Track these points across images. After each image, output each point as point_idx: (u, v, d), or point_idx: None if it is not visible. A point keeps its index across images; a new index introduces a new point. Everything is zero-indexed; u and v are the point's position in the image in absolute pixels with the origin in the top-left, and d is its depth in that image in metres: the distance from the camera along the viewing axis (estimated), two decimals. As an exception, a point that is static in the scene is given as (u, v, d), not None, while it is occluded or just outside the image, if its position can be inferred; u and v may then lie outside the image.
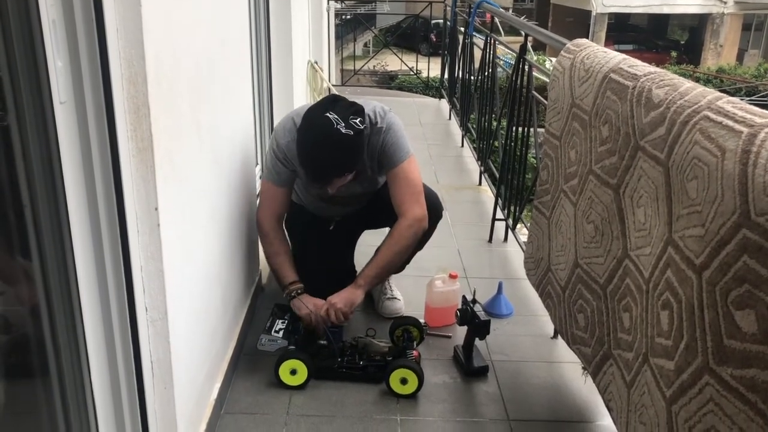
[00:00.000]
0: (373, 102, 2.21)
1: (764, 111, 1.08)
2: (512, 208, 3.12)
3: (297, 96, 4.08)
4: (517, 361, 2.25)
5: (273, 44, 3.66)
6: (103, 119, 1.22)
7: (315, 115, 2.02)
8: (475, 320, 2.14)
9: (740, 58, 21.12)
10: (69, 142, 1.19)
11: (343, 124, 1.98)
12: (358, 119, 2.02)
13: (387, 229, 2.40)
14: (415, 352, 2.11)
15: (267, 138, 3.66)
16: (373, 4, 18.60)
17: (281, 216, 2.28)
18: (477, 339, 2.18)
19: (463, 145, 4.85)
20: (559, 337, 2.23)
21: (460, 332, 2.27)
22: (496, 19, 4.19)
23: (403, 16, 13.59)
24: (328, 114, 1.99)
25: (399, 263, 2.30)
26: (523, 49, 2.94)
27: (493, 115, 3.85)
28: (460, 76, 5.13)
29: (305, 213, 2.42)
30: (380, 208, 2.32)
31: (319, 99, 5.23)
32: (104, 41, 1.18)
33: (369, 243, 2.58)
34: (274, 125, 3.70)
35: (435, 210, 2.37)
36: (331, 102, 2.05)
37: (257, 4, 3.39)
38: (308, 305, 2.16)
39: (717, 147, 1.09)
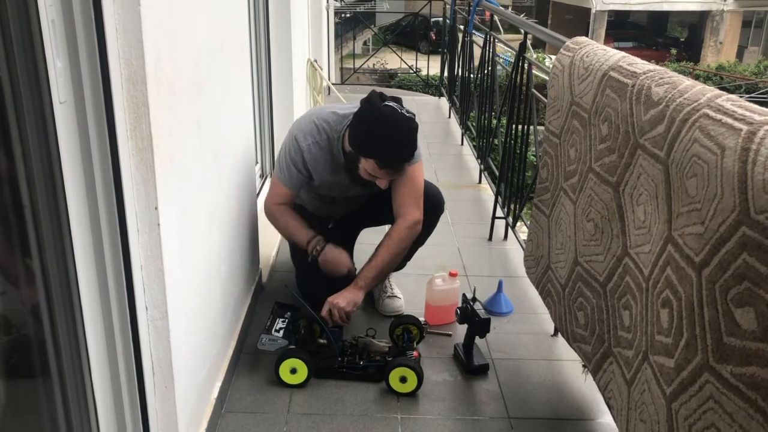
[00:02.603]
0: None
1: (764, 108, 1.08)
2: (512, 206, 3.12)
3: (296, 94, 4.08)
4: (518, 359, 2.26)
5: (272, 43, 3.66)
6: (103, 119, 1.22)
7: (377, 106, 2.05)
8: (475, 318, 2.14)
9: (740, 55, 21.09)
10: (69, 141, 1.19)
11: (405, 110, 2.05)
12: (406, 108, 2.09)
13: (385, 227, 2.40)
14: (415, 353, 2.11)
15: (267, 137, 3.66)
16: (373, 2, 18.58)
17: (289, 204, 2.33)
18: (477, 337, 2.18)
19: (462, 143, 4.86)
20: (560, 335, 2.23)
21: (461, 330, 2.27)
22: (496, 17, 4.18)
23: (402, 14, 13.59)
24: (388, 103, 2.05)
25: (397, 263, 2.32)
26: (523, 47, 2.94)
27: (493, 113, 3.85)
28: (460, 74, 5.13)
29: (304, 212, 2.42)
30: (379, 207, 2.32)
31: (318, 97, 5.20)
32: (103, 41, 1.18)
33: (369, 241, 2.58)
34: (275, 125, 3.72)
35: (437, 204, 2.38)
36: (379, 95, 2.10)
37: (257, 2, 3.39)
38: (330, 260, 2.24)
39: (716, 145, 1.09)
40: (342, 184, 2.25)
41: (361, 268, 2.29)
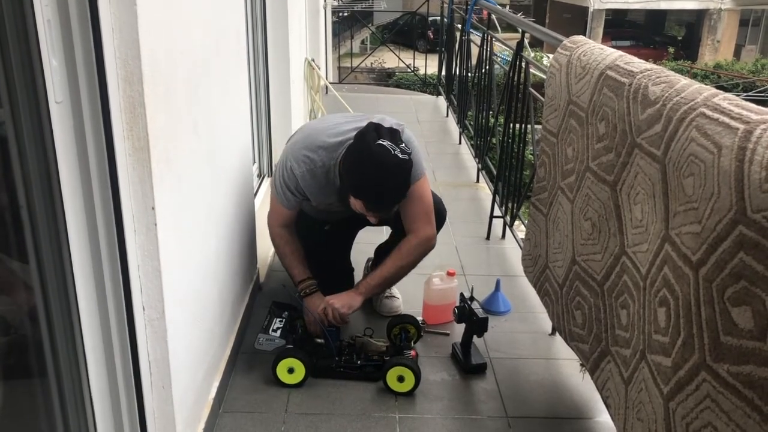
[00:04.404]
0: (388, 118, 2.18)
1: (760, 107, 1.08)
2: (510, 205, 3.12)
3: (294, 94, 4.08)
4: (515, 358, 2.26)
5: (270, 42, 3.65)
6: (99, 119, 1.22)
7: (369, 146, 1.96)
8: (473, 317, 2.14)
9: (737, 53, 21.11)
10: (65, 141, 1.19)
11: (399, 150, 1.96)
12: (403, 144, 2.01)
13: (382, 229, 2.40)
14: (412, 352, 2.11)
15: (264, 136, 3.66)
16: (370, 1, 18.56)
17: (290, 223, 2.31)
18: (475, 336, 2.18)
19: (460, 143, 4.85)
20: (557, 334, 2.24)
21: (458, 329, 2.27)
22: (493, 16, 4.18)
23: (400, 13, 13.59)
24: (381, 142, 1.95)
25: (402, 277, 2.28)
26: (520, 45, 2.94)
27: (491, 112, 3.85)
28: (458, 73, 5.13)
29: (301, 214, 2.41)
30: None
31: (316, 96, 5.18)
32: (99, 40, 1.18)
33: (369, 240, 2.59)
34: (272, 124, 3.72)
35: (439, 214, 2.36)
36: (375, 130, 2.01)
37: (254, 2, 3.39)
38: (311, 310, 2.18)
39: (713, 144, 1.09)
40: (337, 204, 2.23)
41: (365, 274, 2.28)
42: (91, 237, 1.28)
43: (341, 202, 2.14)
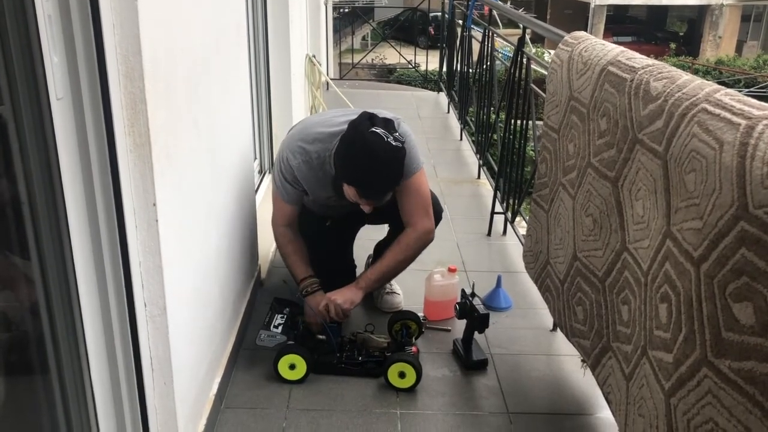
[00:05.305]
0: (384, 112, 2.18)
1: (762, 103, 1.08)
2: (511, 202, 3.12)
3: (295, 90, 4.07)
4: (517, 354, 2.26)
5: (270, 38, 3.65)
6: (100, 115, 1.22)
7: (362, 133, 1.96)
8: (474, 313, 2.14)
9: (739, 49, 21.07)
10: (66, 138, 1.19)
11: (392, 138, 1.97)
12: (397, 133, 2.02)
13: (383, 227, 2.39)
14: (413, 348, 2.11)
15: (266, 133, 3.66)
16: (371, -3, 18.56)
17: (293, 222, 2.31)
18: (476, 332, 2.18)
19: (461, 139, 4.85)
20: (558, 330, 2.24)
21: (460, 326, 2.27)
22: (494, 12, 4.18)
23: (401, 9, 13.55)
24: (374, 129, 1.96)
25: (401, 271, 2.29)
26: (522, 41, 2.93)
27: (492, 108, 3.84)
28: (459, 69, 5.12)
29: (303, 211, 2.41)
30: (379, 207, 2.31)
31: (317, 93, 5.16)
32: (100, 37, 1.18)
33: (369, 237, 2.59)
34: (273, 121, 3.71)
35: (436, 213, 2.36)
36: (369, 119, 2.02)
37: (254, -2, 3.38)
38: (313, 307, 2.18)
39: (715, 139, 1.09)
40: (334, 198, 2.23)
41: (364, 263, 2.28)
42: (93, 233, 1.28)
43: (337, 193, 2.15)
